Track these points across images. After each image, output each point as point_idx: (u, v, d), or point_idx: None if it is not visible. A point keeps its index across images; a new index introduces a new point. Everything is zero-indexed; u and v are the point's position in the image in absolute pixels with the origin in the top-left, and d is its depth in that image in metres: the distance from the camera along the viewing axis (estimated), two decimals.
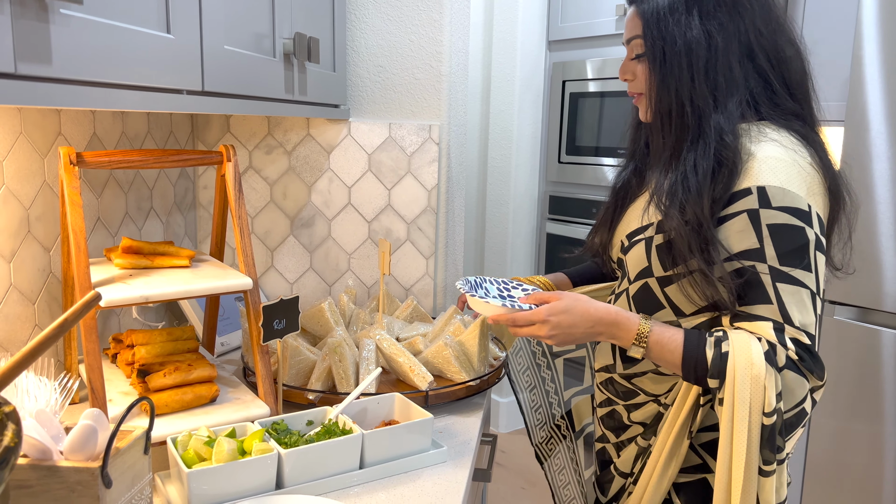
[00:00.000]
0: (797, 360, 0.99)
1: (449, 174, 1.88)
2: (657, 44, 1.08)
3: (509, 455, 3.25)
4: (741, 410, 0.98)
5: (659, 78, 1.09)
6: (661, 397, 1.17)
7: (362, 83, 1.86)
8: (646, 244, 1.14)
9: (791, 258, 1.01)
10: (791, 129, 1.09)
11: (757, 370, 0.97)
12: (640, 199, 1.22)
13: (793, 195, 1.02)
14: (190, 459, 1.06)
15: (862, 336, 2.14)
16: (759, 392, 0.97)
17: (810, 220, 1.02)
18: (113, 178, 1.53)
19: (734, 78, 1.07)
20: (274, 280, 1.96)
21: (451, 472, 1.19)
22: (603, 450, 1.32)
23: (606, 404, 1.28)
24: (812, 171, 1.05)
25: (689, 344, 1.04)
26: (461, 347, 1.49)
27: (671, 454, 1.11)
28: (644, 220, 1.16)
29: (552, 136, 3.35)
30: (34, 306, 1.31)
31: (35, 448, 0.88)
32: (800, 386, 0.99)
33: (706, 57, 1.06)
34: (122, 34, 0.88)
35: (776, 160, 1.03)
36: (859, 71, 2.10)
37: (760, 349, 0.98)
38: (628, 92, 1.19)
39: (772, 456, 0.99)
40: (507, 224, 3.35)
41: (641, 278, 1.15)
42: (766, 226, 1.01)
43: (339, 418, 1.19)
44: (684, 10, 1.06)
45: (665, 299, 1.12)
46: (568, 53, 3.26)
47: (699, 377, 1.03)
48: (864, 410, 2.16)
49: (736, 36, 1.07)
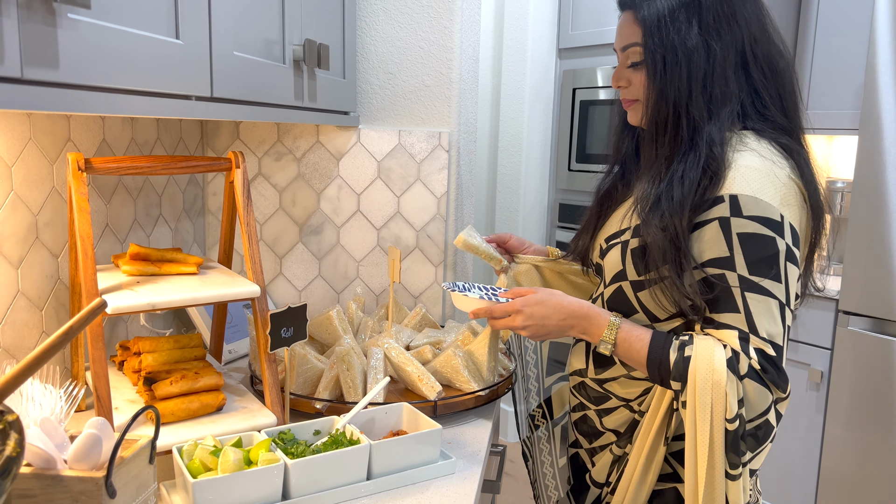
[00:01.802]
0: (759, 370, 0.99)
1: (458, 181, 1.87)
2: (657, 53, 1.07)
3: (519, 465, 3.22)
4: (702, 414, 0.99)
5: (658, 87, 1.08)
6: (633, 402, 1.17)
7: (372, 90, 1.86)
8: (622, 248, 1.14)
9: (760, 268, 1.00)
10: (775, 141, 1.09)
11: (718, 376, 0.97)
12: (624, 205, 1.22)
13: (764, 204, 1.01)
14: (195, 469, 1.05)
15: (876, 347, 2.11)
16: (720, 398, 0.97)
17: (782, 231, 1.01)
18: (122, 184, 1.53)
19: (729, 89, 1.07)
20: (282, 287, 1.95)
21: (459, 484, 1.17)
22: (577, 455, 1.32)
23: (579, 409, 1.28)
24: (789, 183, 1.05)
25: (655, 344, 1.05)
26: (470, 357, 1.47)
27: (648, 461, 1.11)
28: (623, 224, 1.16)
29: (562, 144, 3.33)
30: (42, 313, 1.31)
31: (39, 457, 0.87)
32: (761, 396, 0.99)
33: (705, 68, 1.05)
34: (130, 39, 0.87)
35: (751, 169, 1.03)
36: (873, 79, 2.08)
37: (723, 356, 0.98)
38: (622, 99, 1.18)
39: (737, 459, 0.99)
40: (516, 232, 3.34)
41: (616, 282, 1.15)
42: (736, 234, 1.01)
43: (346, 428, 1.18)
44: (685, 19, 1.06)
45: (638, 304, 1.12)
46: (578, 61, 3.25)
47: (663, 378, 1.04)
48: (879, 421, 2.12)
49: (733, 46, 1.07)
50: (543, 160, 3.38)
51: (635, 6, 1.10)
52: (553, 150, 3.39)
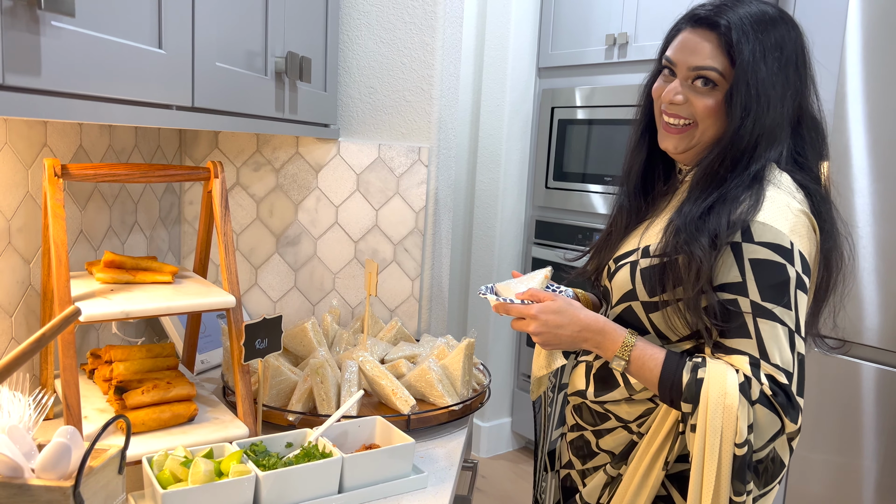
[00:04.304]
0: (770, 395, 0.99)
1: (437, 196, 1.88)
2: (747, 93, 1.04)
3: (489, 481, 3.22)
4: (712, 439, 0.98)
5: (735, 124, 1.06)
6: (633, 424, 1.17)
7: (353, 103, 1.87)
8: (630, 268, 1.14)
9: (772, 294, 1.01)
10: (793, 179, 1.10)
11: (730, 400, 0.98)
12: (639, 227, 1.21)
13: (775, 231, 1.03)
14: (165, 480, 1.04)
15: (842, 368, 2.15)
16: (731, 422, 0.98)
17: (792, 258, 1.03)
18: (98, 191, 1.51)
19: (783, 134, 1.09)
20: (257, 298, 1.94)
21: (431, 499, 1.17)
22: (568, 476, 1.31)
23: (576, 429, 1.27)
24: (801, 216, 1.06)
25: (669, 365, 1.05)
26: (445, 371, 1.48)
27: (643, 483, 1.11)
28: (633, 244, 1.16)
29: (540, 162, 3.37)
30: (12, 319, 1.29)
31: (5, 465, 0.86)
32: (771, 422, 0.99)
33: (777, 113, 1.07)
34: (113, 48, 0.87)
35: (767, 199, 1.05)
36: (842, 108, 2.14)
37: (735, 380, 0.99)
38: (670, 115, 1.12)
39: (742, 487, 0.99)
40: (493, 247, 3.36)
41: (625, 301, 1.15)
42: (748, 260, 1.02)
43: (319, 441, 1.18)
44: (774, 62, 1.06)
45: (650, 325, 1.13)
46: (557, 81, 3.29)
47: (674, 399, 1.04)
48: (845, 443, 2.16)
49: (795, 95, 1.09)
50: (521, 177, 3.41)
51: (721, 31, 1.06)
52: (531, 167, 3.43)
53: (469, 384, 1.52)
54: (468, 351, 1.49)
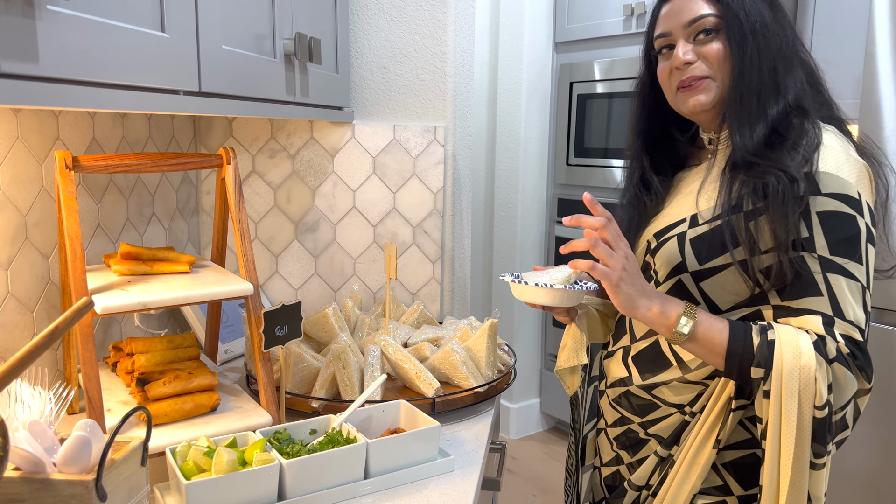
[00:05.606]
0: (848, 353, 0.94)
1: (455, 176, 1.85)
2: (743, 19, 1.04)
3: (520, 462, 3.20)
4: (789, 403, 0.93)
5: (748, 54, 1.03)
6: (686, 406, 1.10)
7: (366, 85, 1.83)
8: (678, 239, 1.08)
9: (842, 248, 0.96)
10: (837, 127, 1.07)
11: (806, 360, 0.92)
12: (674, 201, 1.15)
13: (842, 181, 0.97)
14: (189, 470, 1.03)
15: (877, 337, 2.09)
16: (808, 383, 0.92)
17: (861, 209, 0.97)
18: (113, 183, 1.51)
19: (796, 59, 1.07)
20: (279, 286, 1.93)
21: (459, 482, 1.15)
22: (616, 474, 1.22)
23: (619, 423, 1.20)
24: (860, 164, 1.01)
25: (736, 328, 0.99)
26: (468, 353, 1.45)
27: (692, 462, 1.06)
28: (679, 215, 1.10)
29: (560, 139, 3.31)
30: (33, 314, 1.29)
31: (27, 460, 0.85)
32: (850, 382, 0.94)
33: (780, 42, 1.05)
34: (113, 32, 0.85)
35: (827, 147, 1.00)
36: (872, 68, 2.06)
37: (809, 339, 0.94)
38: (685, 79, 1.09)
39: (822, 449, 0.94)
40: (515, 227, 3.32)
41: (674, 275, 1.08)
42: (815, 213, 0.97)
43: (343, 427, 1.16)
44: None
45: (700, 295, 1.06)
46: (575, 55, 3.23)
47: (743, 364, 0.97)
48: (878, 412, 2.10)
49: (790, 34, 1.08)
50: (541, 155, 3.36)
51: None
52: (551, 144, 3.37)
53: (494, 365, 1.49)
54: (492, 332, 1.47)
